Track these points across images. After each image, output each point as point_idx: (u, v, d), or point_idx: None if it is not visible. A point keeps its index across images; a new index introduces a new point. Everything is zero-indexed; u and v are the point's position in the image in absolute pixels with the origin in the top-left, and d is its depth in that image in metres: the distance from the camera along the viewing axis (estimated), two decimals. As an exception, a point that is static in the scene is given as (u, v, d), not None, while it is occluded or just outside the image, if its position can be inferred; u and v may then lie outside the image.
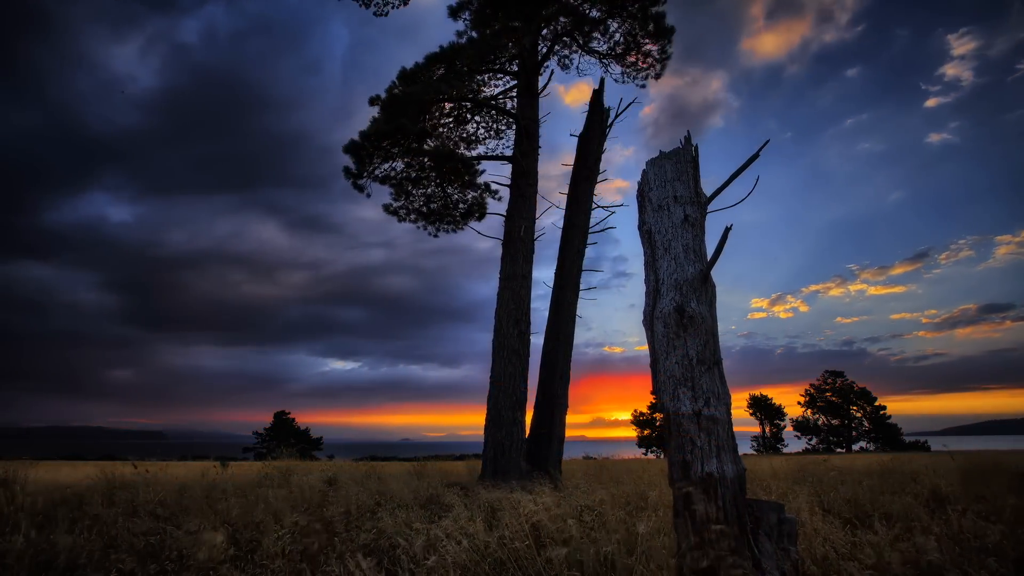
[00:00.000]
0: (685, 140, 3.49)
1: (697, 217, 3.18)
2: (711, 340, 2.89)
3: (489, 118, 12.09)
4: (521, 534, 2.78)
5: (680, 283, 2.98)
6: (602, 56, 11.12)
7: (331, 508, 4.62)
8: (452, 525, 3.37)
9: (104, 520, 3.95)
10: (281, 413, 44.57)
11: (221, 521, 3.94)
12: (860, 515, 4.42)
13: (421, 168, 10.63)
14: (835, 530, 3.09)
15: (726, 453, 2.68)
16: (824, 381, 44.09)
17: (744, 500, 2.63)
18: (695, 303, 2.92)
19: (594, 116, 10.11)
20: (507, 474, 8.19)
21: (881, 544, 2.80)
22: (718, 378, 2.83)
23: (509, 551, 2.65)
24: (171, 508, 4.65)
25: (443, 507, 5.07)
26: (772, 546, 2.52)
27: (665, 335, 2.93)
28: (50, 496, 5.23)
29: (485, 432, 8.86)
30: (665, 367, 2.91)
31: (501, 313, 9.25)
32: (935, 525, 3.63)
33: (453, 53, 9.51)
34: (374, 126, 9.06)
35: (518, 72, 10.77)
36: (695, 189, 3.27)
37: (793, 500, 4.46)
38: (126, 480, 6.25)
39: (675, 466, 2.78)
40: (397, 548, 3.39)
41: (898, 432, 40.30)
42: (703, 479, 2.64)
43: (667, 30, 10.13)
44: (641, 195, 3.40)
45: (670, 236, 3.13)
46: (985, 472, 6.05)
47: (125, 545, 3.25)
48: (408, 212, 11.18)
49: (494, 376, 8.99)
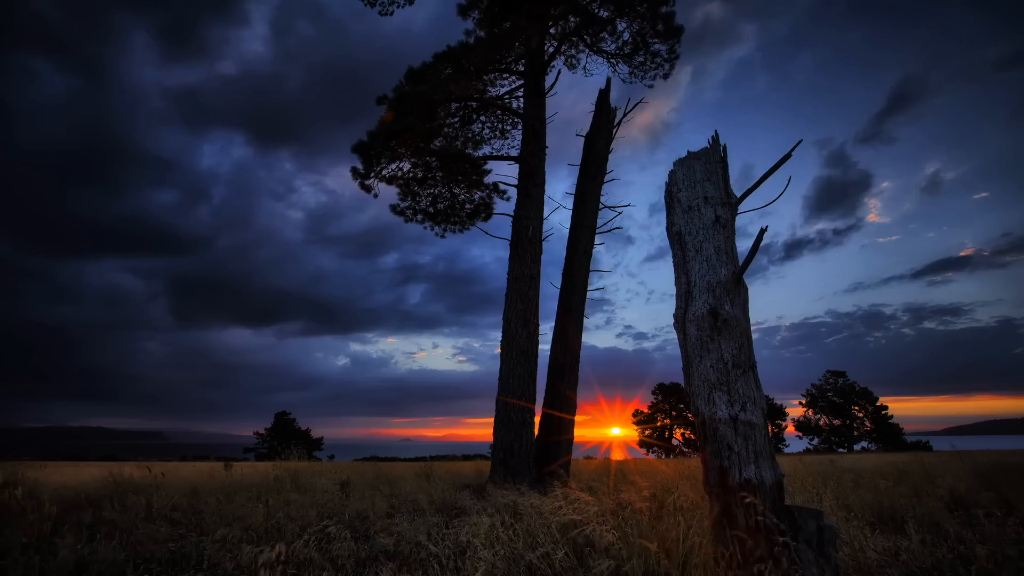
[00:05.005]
0: (713, 140, 3.44)
1: (728, 218, 3.14)
2: (746, 343, 2.84)
3: (495, 118, 12.03)
4: (552, 539, 2.74)
5: (713, 285, 2.93)
6: (610, 56, 11.06)
7: (349, 512, 4.57)
8: (476, 529, 3.32)
9: (121, 526, 3.89)
10: (282, 413, 44.47)
11: (243, 527, 3.89)
12: (883, 518, 4.38)
13: (427, 168, 10.56)
14: (874, 536, 3.03)
15: (764, 459, 2.64)
16: (826, 381, 44.06)
17: (783, 507, 2.58)
18: (729, 306, 2.87)
19: (601, 116, 10.04)
20: (517, 475, 8.13)
21: (918, 550, 2.75)
22: (753, 382, 2.79)
23: (541, 557, 2.60)
24: (186, 512, 4.59)
25: (459, 510, 5.02)
26: (813, 554, 2.47)
27: (699, 338, 2.89)
28: (60, 499, 5.15)
29: (494, 433, 8.81)
30: (699, 371, 2.86)
31: (509, 314, 9.19)
32: (966, 531, 3.59)
33: (461, 52, 9.43)
34: (383, 125, 8.99)
35: (525, 71, 10.71)
36: (725, 189, 3.22)
37: (816, 504, 4.41)
38: (136, 482, 6.18)
39: (711, 472, 2.74)
40: (420, 552, 3.34)
41: (900, 432, 40.30)
42: (741, 485, 2.60)
43: (676, 30, 10.07)
44: (669, 196, 3.35)
45: (701, 238, 3.08)
46: (1007, 472, 6.00)
47: (147, 553, 3.20)
48: (415, 212, 11.12)
49: (503, 377, 8.93)
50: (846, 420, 42.37)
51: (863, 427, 41.85)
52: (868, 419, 41.66)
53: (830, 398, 43.35)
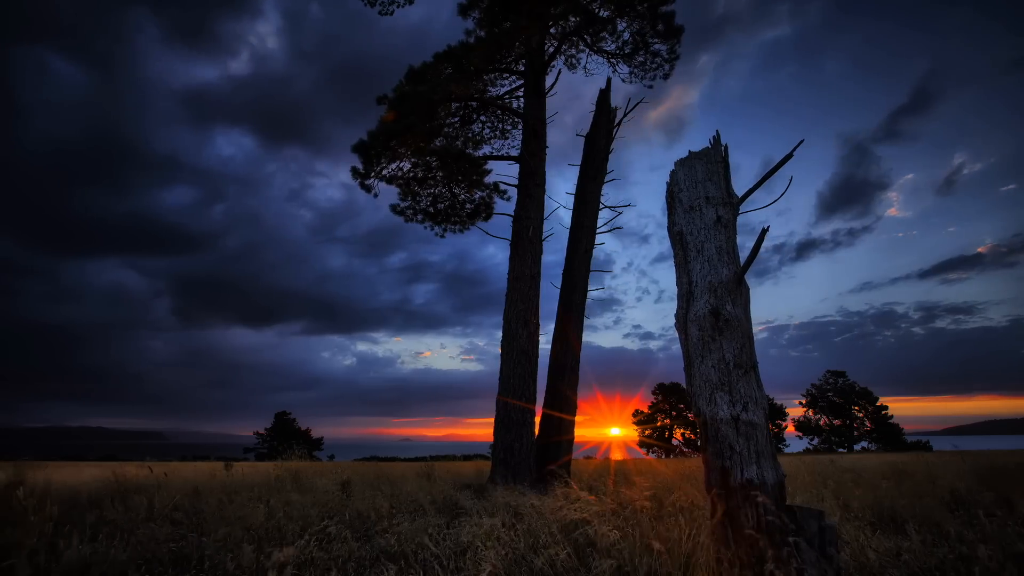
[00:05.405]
0: (714, 140, 3.44)
1: (729, 218, 3.14)
2: (747, 343, 2.84)
3: (495, 118, 12.03)
4: (553, 539, 2.73)
5: (714, 285, 2.93)
6: (610, 56, 11.06)
7: (349, 512, 4.57)
8: (478, 530, 3.32)
9: (123, 526, 3.90)
10: (282, 414, 44.49)
11: (244, 527, 3.89)
12: (884, 518, 4.38)
13: (428, 168, 10.57)
14: (874, 536, 3.04)
15: (766, 459, 2.64)
16: (826, 381, 44.08)
17: (785, 507, 2.58)
18: (731, 306, 2.87)
19: (601, 116, 10.04)
20: (518, 476, 8.14)
21: (920, 550, 2.75)
22: (755, 382, 2.79)
23: (545, 558, 2.60)
24: (187, 512, 4.59)
25: (460, 510, 5.02)
26: (814, 554, 2.47)
27: (700, 338, 2.89)
28: (61, 499, 5.15)
29: (495, 433, 8.81)
30: (700, 371, 2.86)
31: (510, 314, 9.19)
32: (967, 531, 3.59)
33: (462, 52, 9.44)
34: (383, 125, 8.99)
35: (525, 71, 10.71)
36: (727, 189, 3.22)
37: (817, 504, 4.41)
38: (138, 482, 6.17)
39: (713, 472, 2.74)
40: (421, 552, 3.34)
41: (900, 432, 40.31)
42: (743, 486, 2.60)
43: (676, 30, 10.07)
44: (671, 196, 3.35)
45: (702, 238, 3.08)
46: (1008, 472, 5.99)
47: (149, 553, 3.20)
48: (415, 212, 11.13)
49: (503, 377, 8.93)
50: (846, 420, 42.39)
51: (863, 427, 41.86)
52: (868, 419, 41.68)
53: (830, 398, 43.36)
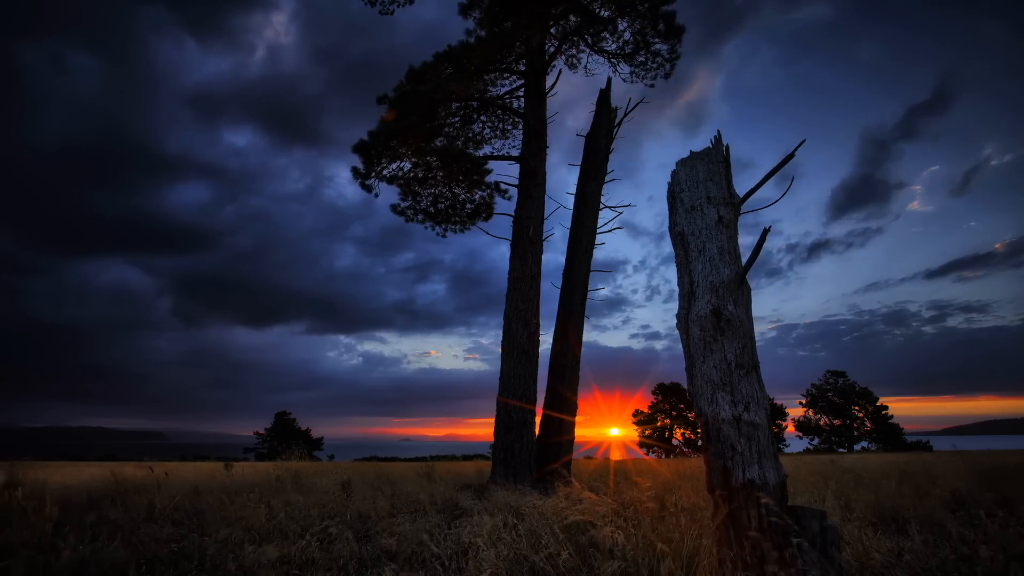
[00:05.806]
0: (715, 140, 3.44)
1: (731, 218, 3.13)
2: (749, 343, 2.84)
3: (496, 118, 12.02)
4: (555, 539, 2.73)
5: (716, 286, 2.93)
6: (611, 55, 11.05)
7: (350, 512, 4.56)
8: (479, 530, 3.32)
9: (123, 526, 3.89)
10: (282, 413, 44.49)
11: (245, 527, 3.88)
12: (885, 518, 4.37)
13: (428, 168, 10.56)
14: (876, 537, 3.03)
15: (767, 459, 2.64)
16: (826, 381, 44.07)
17: (787, 507, 2.58)
18: (732, 306, 2.87)
19: (601, 116, 10.04)
20: (518, 476, 8.13)
21: (921, 550, 2.75)
22: (756, 382, 2.79)
23: (545, 558, 2.60)
24: (188, 512, 4.59)
25: (461, 510, 5.01)
26: (816, 554, 2.47)
27: (702, 338, 2.89)
28: (61, 499, 5.15)
29: (495, 433, 8.80)
30: (702, 371, 2.86)
31: (510, 314, 9.18)
32: (968, 531, 3.58)
33: (462, 52, 9.43)
34: (384, 125, 8.99)
35: (525, 71, 10.70)
36: (728, 190, 3.22)
37: (818, 504, 4.40)
38: (138, 482, 6.17)
39: (714, 472, 2.74)
40: (423, 553, 3.33)
41: (900, 432, 40.31)
42: (745, 486, 2.60)
43: (677, 29, 10.06)
44: (672, 196, 3.35)
45: (704, 238, 3.08)
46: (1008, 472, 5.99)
47: (149, 553, 3.19)
48: (416, 212, 11.12)
49: (504, 377, 8.93)
50: (846, 420, 42.38)
51: (863, 427, 41.86)
52: (868, 419, 41.68)
53: (830, 398, 43.35)
